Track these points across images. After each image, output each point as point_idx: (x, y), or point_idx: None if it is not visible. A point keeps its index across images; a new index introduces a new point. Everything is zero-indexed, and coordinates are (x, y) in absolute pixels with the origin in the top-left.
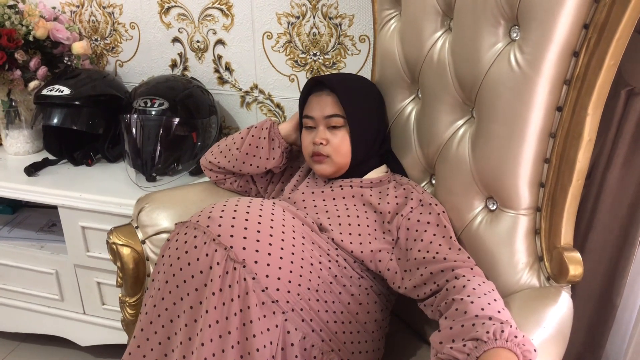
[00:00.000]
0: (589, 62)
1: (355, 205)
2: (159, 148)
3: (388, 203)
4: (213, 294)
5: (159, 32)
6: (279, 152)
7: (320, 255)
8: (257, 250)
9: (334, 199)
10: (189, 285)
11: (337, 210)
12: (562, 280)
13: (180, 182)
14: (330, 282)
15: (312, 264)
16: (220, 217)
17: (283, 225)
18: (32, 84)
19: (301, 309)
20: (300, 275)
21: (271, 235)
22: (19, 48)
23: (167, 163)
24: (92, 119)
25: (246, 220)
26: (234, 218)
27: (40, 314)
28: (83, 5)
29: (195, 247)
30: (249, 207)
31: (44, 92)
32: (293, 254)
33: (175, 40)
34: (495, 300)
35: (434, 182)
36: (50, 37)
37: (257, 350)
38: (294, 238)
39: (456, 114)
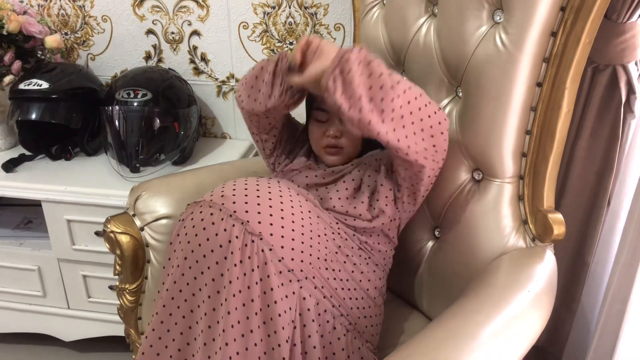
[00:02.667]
0: (566, 41)
1: (354, 180)
2: (142, 139)
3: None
4: (235, 265)
5: (132, 25)
6: (279, 90)
7: (325, 228)
8: (271, 224)
9: (334, 180)
10: (209, 260)
11: (338, 191)
12: (547, 240)
13: (164, 172)
14: (336, 252)
15: (319, 235)
16: (233, 194)
17: (291, 201)
18: (7, 79)
19: (313, 277)
20: (311, 246)
21: (282, 210)
22: None
23: (150, 153)
24: (71, 112)
25: (257, 197)
26: (246, 195)
27: (21, 312)
28: None
29: (213, 223)
30: (257, 184)
31: (21, 86)
32: (303, 226)
33: (150, 32)
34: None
35: None
36: (22, 31)
37: (279, 315)
38: (302, 212)
39: (442, 93)
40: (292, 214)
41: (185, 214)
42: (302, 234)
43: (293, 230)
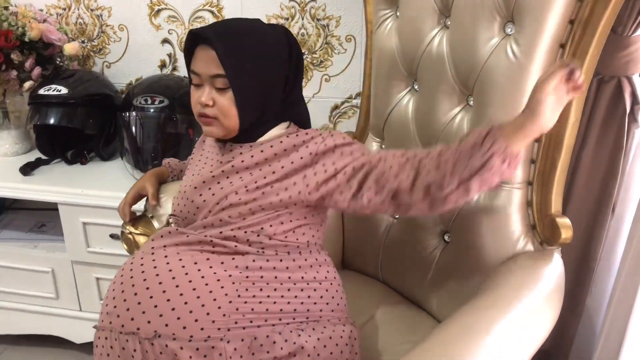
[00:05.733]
0: (574, 53)
1: (252, 175)
2: (158, 144)
3: (292, 163)
4: None
5: (148, 34)
6: None
7: (222, 263)
8: (160, 315)
9: (227, 177)
10: None
11: (237, 193)
12: (554, 244)
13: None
14: (247, 277)
15: (218, 280)
16: (115, 307)
17: (170, 271)
18: (27, 84)
19: (235, 322)
20: (215, 299)
21: (164, 292)
22: (16, 49)
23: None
24: (88, 118)
25: (135, 294)
26: (125, 300)
27: (34, 314)
28: (70, 7)
29: (112, 347)
30: (132, 276)
31: (41, 91)
32: (194, 289)
33: (165, 41)
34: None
35: None
36: (42, 38)
37: None
38: (186, 274)
39: (453, 102)
40: (177, 285)
41: (94, 339)
42: (198, 296)
43: (186, 302)
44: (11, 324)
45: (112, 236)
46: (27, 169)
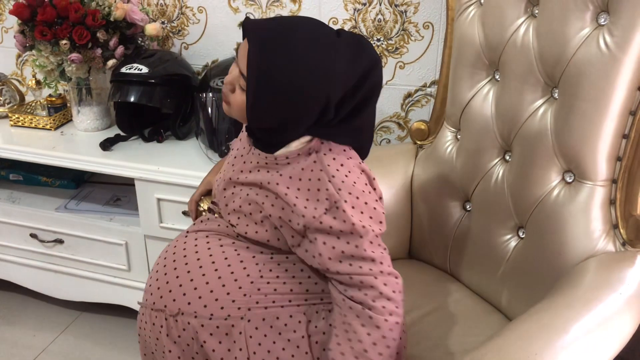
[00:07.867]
0: None
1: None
2: (233, 126)
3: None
4: (170, 351)
5: (226, 17)
6: None
7: (248, 248)
8: (184, 294)
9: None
10: (157, 355)
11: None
12: (638, 245)
13: None
14: (271, 258)
15: (241, 261)
16: (150, 285)
17: (196, 252)
18: (110, 62)
19: (257, 302)
20: (236, 280)
21: (189, 272)
22: (101, 28)
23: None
24: (166, 97)
25: (165, 274)
26: (157, 280)
27: (107, 284)
28: None
29: (146, 322)
30: (165, 258)
31: (123, 70)
32: (216, 269)
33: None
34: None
35: (507, 158)
36: (126, 18)
37: None
38: (210, 256)
39: (537, 93)
40: (200, 266)
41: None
42: (219, 277)
43: (207, 282)
44: (85, 292)
45: (185, 213)
46: (106, 145)
